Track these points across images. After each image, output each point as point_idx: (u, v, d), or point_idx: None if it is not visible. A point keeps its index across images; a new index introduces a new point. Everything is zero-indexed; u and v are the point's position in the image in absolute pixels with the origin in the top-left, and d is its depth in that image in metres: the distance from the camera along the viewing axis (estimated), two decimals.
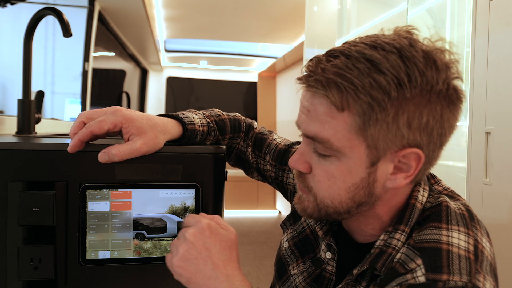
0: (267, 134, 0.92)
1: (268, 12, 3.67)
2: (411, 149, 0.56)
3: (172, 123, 0.70)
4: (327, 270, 0.72)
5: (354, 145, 0.56)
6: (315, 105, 0.57)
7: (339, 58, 0.55)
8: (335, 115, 0.55)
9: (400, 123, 0.54)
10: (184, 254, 0.58)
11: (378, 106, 0.53)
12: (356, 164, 0.57)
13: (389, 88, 0.52)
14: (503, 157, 1.03)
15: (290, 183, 0.88)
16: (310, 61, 0.59)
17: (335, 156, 0.58)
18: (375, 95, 0.52)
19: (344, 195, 0.60)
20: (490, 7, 1.08)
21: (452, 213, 0.60)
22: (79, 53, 2.53)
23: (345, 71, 0.53)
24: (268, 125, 5.76)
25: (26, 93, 1.02)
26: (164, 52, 5.18)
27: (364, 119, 0.54)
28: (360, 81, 0.52)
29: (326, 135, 0.56)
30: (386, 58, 0.53)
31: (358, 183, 0.59)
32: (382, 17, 2.14)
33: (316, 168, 0.61)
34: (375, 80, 0.52)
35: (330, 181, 0.60)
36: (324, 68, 0.55)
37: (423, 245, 0.57)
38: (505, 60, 1.03)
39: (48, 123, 1.69)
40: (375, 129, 0.54)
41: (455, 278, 0.53)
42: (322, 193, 0.61)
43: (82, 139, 0.61)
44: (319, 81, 0.55)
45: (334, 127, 0.56)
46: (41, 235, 0.62)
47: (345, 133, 0.55)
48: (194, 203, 0.68)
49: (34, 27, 1.00)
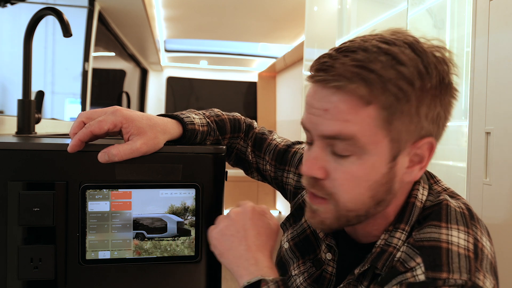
0: (267, 134, 0.92)
1: (268, 12, 3.67)
2: (427, 139, 0.57)
3: (172, 123, 0.70)
4: (328, 271, 0.72)
5: (378, 140, 0.55)
6: (335, 103, 0.54)
7: (356, 53, 0.54)
8: (359, 111, 0.53)
9: (421, 114, 0.55)
10: (222, 229, 0.63)
11: (404, 97, 0.53)
12: (379, 160, 0.56)
13: (413, 78, 0.53)
14: (503, 157, 1.03)
15: (289, 183, 0.87)
16: (322, 57, 0.57)
17: (355, 155, 0.56)
18: (402, 86, 0.52)
19: (366, 194, 0.58)
20: (490, 7, 1.08)
21: (452, 211, 0.60)
22: (79, 53, 2.53)
23: (369, 64, 0.52)
24: (268, 125, 5.76)
25: (26, 93, 1.02)
26: (164, 52, 5.18)
27: (390, 111, 0.53)
28: (386, 72, 0.52)
29: (352, 131, 0.54)
30: (403, 52, 0.53)
31: (380, 180, 0.57)
32: (382, 17, 2.14)
33: (335, 171, 0.57)
34: (400, 71, 0.52)
35: (353, 182, 0.57)
36: (344, 62, 0.53)
37: (422, 243, 0.57)
38: (505, 60, 1.03)
39: (48, 123, 1.69)
40: (400, 121, 0.54)
41: (454, 276, 0.53)
42: (345, 196, 0.58)
43: (82, 139, 0.61)
44: (342, 75, 0.53)
45: (359, 123, 0.54)
46: (41, 235, 0.62)
47: (371, 128, 0.54)
48: (194, 203, 0.68)
49: (34, 27, 1.00)
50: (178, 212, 0.67)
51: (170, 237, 0.67)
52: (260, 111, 5.86)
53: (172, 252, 0.67)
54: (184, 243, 0.67)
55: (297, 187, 0.85)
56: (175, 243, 0.67)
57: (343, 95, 0.54)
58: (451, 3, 1.68)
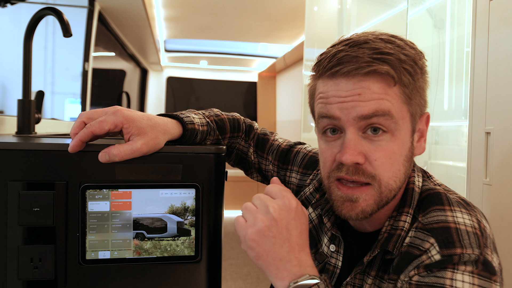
0: (268, 135, 0.94)
1: (268, 12, 3.67)
2: (426, 113, 0.67)
3: (172, 123, 0.70)
4: (331, 263, 0.73)
5: (404, 115, 0.62)
6: (367, 87, 0.59)
7: (368, 43, 0.61)
8: (388, 90, 0.60)
9: (424, 90, 0.64)
10: (263, 229, 0.56)
11: (416, 75, 0.61)
12: (406, 134, 0.62)
13: (416, 59, 0.62)
14: (503, 157, 1.03)
15: (292, 182, 0.89)
16: (337, 53, 0.61)
17: (389, 132, 0.61)
18: (412, 65, 0.61)
19: (402, 170, 0.63)
20: (490, 7, 1.08)
21: (450, 198, 0.64)
22: (79, 53, 2.53)
23: (385, 49, 0.60)
24: (268, 125, 5.76)
25: (26, 93, 1.02)
26: (164, 52, 5.18)
27: (410, 88, 0.61)
28: (401, 55, 0.60)
29: (387, 107, 0.59)
30: (398, 41, 0.63)
31: (407, 154, 0.63)
32: (382, 17, 2.14)
33: (373, 153, 0.61)
34: (406, 54, 0.61)
35: (392, 158, 0.61)
36: (364, 52, 0.59)
37: (432, 226, 0.60)
38: (505, 60, 1.03)
39: (48, 123, 1.69)
40: (415, 97, 0.62)
41: (468, 251, 0.56)
42: (387, 174, 0.61)
43: (83, 139, 0.61)
44: (372, 64, 0.58)
45: (391, 100, 0.60)
46: (41, 235, 0.62)
47: (399, 104, 0.61)
48: (194, 203, 0.68)
49: (34, 27, 1.00)
50: (178, 212, 0.67)
51: (170, 237, 0.67)
52: (260, 111, 5.85)
53: (172, 252, 0.67)
54: (184, 243, 0.67)
55: (300, 185, 0.87)
56: (175, 243, 0.67)
57: (374, 78, 0.59)
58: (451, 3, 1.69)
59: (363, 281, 0.67)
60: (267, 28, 4.26)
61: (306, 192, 0.84)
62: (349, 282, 0.68)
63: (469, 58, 1.16)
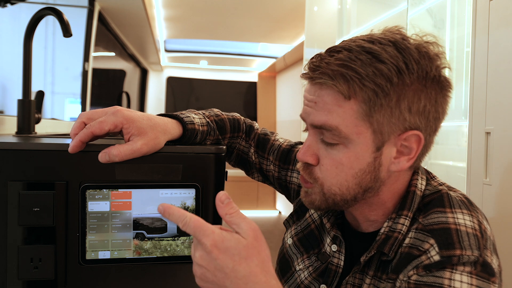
0: (269, 135, 0.94)
1: (268, 12, 3.67)
2: (412, 132, 0.61)
3: (172, 123, 0.70)
4: (333, 262, 0.73)
5: (361, 131, 0.60)
6: (322, 96, 0.61)
7: (341, 52, 0.60)
8: (342, 104, 0.59)
9: (402, 107, 0.59)
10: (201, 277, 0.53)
11: (382, 92, 0.57)
12: (363, 149, 0.61)
13: (391, 75, 0.57)
14: (503, 157, 1.03)
15: (293, 182, 0.89)
16: (312, 58, 0.63)
17: (342, 144, 0.61)
18: (379, 82, 0.57)
19: (351, 181, 0.63)
20: (490, 7, 1.08)
21: (453, 199, 0.64)
22: (79, 53, 2.53)
23: (349, 62, 0.58)
24: (268, 125, 5.76)
25: (26, 93, 1.02)
26: (164, 52, 5.18)
27: (369, 105, 0.58)
28: (364, 70, 0.57)
29: (335, 122, 0.60)
30: (384, 50, 0.58)
31: (365, 168, 0.62)
32: (382, 17, 2.14)
33: (323, 158, 0.63)
34: (377, 68, 0.57)
35: (338, 168, 0.62)
36: (328, 62, 0.60)
37: (432, 227, 0.60)
38: (505, 60, 1.03)
39: (48, 123, 1.69)
40: (380, 114, 0.59)
41: (467, 253, 0.56)
42: (330, 181, 0.63)
43: (83, 139, 0.61)
44: (325, 74, 0.59)
45: (342, 115, 0.59)
46: (41, 235, 0.62)
47: (352, 120, 0.59)
48: (194, 203, 0.68)
49: (34, 27, 1.00)
50: None
51: (170, 237, 0.67)
52: (260, 111, 5.85)
53: (172, 252, 0.67)
54: (184, 243, 0.67)
55: (301, 185, 0.86)
56: (175, 243, 0.67)
57: (327, 90, 0.60)
58: (451, 3, 1.68)
59: (362, 281, 0.67)
60: (267, 28, 4.26)
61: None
62: (349, 281, 0.69)
63: (469, 58, 1.16)
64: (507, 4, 1.03)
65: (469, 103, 1.15)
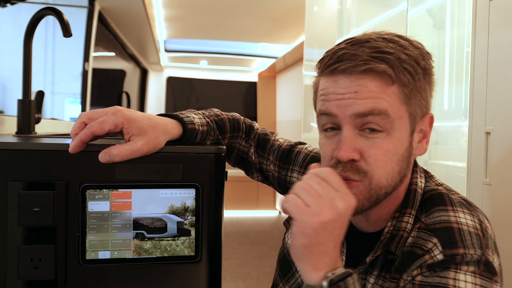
0: (269, 135, 0.94)
1: (268, 12, 3.67)
2: (428, 114, 0.66)
3: (172, 123, 0.70)
4: None
5: (402, 115, 0.61)
6: (364, 84, 0.60)
7: (370, 42, 0.61)
8: (386, 89, 0.60)
9: (427, 91, 0.64)
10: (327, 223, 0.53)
11: (416, 75, 0.61)
12: (403, 134, 0.62)
13: (418, 59, 0.62)
14: (503, 157, 1.03)
15: (293, 182, 0.89)
16: (339, 51, 0.62)
17: (385, 131, 0.61)
18: (413, 65, 0.61)
19: (396, 169, 0.63)
20: (490, 7, 1.08)
21: (453, 198, 0.65)
22: (79, 53, 2.53)
23: (385, 48, 0.60)
24: (268, 125, 5.76)
25: (26, 93, 1.02)
26: (164, 52, 5.18)
27: (409, 88, 0.61)
28: (401, 55, 0.60)
29: (384, 106, 0.60)
30: (402, 41, 0.63)
31: (404, 153, 0.63)
32: (382, 17, 2.14)
33: (368, 149, 0.61)
34: (408, 54, 0.61)
35: (386, 156, 0.61)
36: (364, 51, 0.60)
37: (435, 226, 0.61)
38: (505, 60, 1.03)
39: (48, 123, 1.69)
40: (415, 97, 0.62)
41: (470, 252, 0.57)
42: (379, 172, 0.61)
43: (83, 139, 0.61)
44: (369, 60, 0.59)
45: (388, 99, 0.60)
46: (41, 235, 0.62)
47: (396, 104, 0.61)
48: (194, 203, 0.68)
49: (34, 27, 1.00)
50: (178, 212, 0.67)
51: (170, 237, 0.67)
52: (260, 111, 5.85)
53: (172, 252, 0.67)
54: (184, 243, 0.67)
55: None
56: (175, 243, 0.67)
57: (372, 76, 0.60)
58: (451, 3, 1.69)
59: (366, 281, 0.67)
60: (267, 28, 4.26)
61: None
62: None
63: (469, 58, 1.16)
64: (507, 4, 1.03)
65: (469, 103, 1.15)
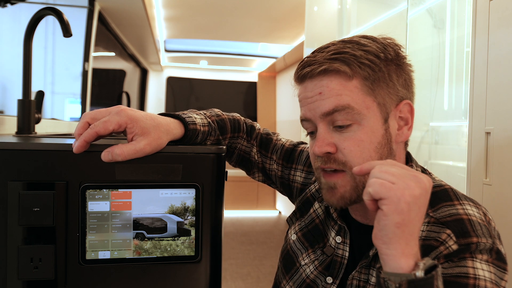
0: (271, 135, 0.95)
1: (268, 12, 3.67)
2: (405, 101, 0.69)
3: (175, 123, 0.71)
4: (338, 254, 0.74)
5: (369, 106, 0.65)
6: (326, 85, 0.65)
7: (329, 47, 0.68)
8: (346, 85, 0.65)
9: (394, 79, 0.67)
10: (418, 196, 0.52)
11: (376, 66, 0.65)
12: (375, 122, 0.66)
13: (377, 53, 0.66)
14: (503, 157, 1.03)
15: (296, 180, 0.90)
16: (303, 61, 0.69)
17: (356, 123, 0.65)
18: (371, 59, 0.65)
19: (375, 156, 0.66)
20: (490, 7, 1.08)
21: (457, 192, 0.67)
22: (79, 53, 2.53)
23: (342, 49, 0.66)
24: (268, 125, 5.76)
25: (26, 93, 1.02)
26: (164, 52, 5.18)
27: (370, 80, 0.65)
28: (357, 52, 0.65)
29: (346, 101, 0.64)
30: (362, 40, 0.68)
31: (381, 141, 0.66)
32: (382, 17, 2.14)
33: (342, 142, 0.66)
34: (365, 50, 0.66)
35: (360, 146, 0.65)
36: (322, 55, 0.66)
37: (445, 219, 0.63)
38: (505, 60, 1.03)
39: (48, 123, 1.69)
40: (380, 87, 0.66)
41: (483, 240, 0.59)
42: (357, 161, 0.65)
43: (87, 140, 0.61)
44: (325, 62, 0.65)
45: (349, 94, 0.65)
46: (41, 235, 0.62)
47: (359, 96, 0.65)
48: (194, 203, 0.68)
49: (34, 27, 1.00)
50: (178, 212, 0.67)
51: (170, 237, 0.67)
52: (260, 111, 5.85)
53: (172, 252, 0.67)
54: (184, 243, 0.67)
55: (305, 183, 0.89)
56: (175, 243, 0.67)
57: (330, 76, 0.65)
58: (451, 3, 1.69)
59: (369, 275, 0.67)
60: (267, 28, 4.26)
61: (312, 189, 0.85)
62: (355, 276, 0.69)
63: (469, 58, 1.16)
64: (507, 4, 1.03)
65: (469, 103, 1.15)
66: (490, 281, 0.56)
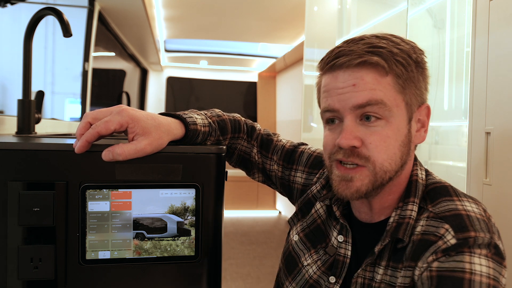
0: (272, 135, 0.95)
1: (268, 12, 3.67)
2: (425, 104, 0.71)
3: (176, 123, 0.71)
4: (340, 253, 0.74)
5: (398, 104, 0.66)
6: (361, 77, 0.65)
7: (364, 40, 0.67)
8: (381, 80, 0.65)
9: (420, 81, 0.69)
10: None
11: (409, 66, 0.66)
12: (401, 121, 0.67)
13: (410, 53, 0.67)
14: (503, 157, 1.03)
15: (297, 182, 0.90)
16: (335, 49, 0.68)
17: (385, 119, 0.65)
18: (405, 57, 0.66)
19: (398, 154, 0.67)
20: (490, 7, 1.08)
21: (457, 190, 0.68)
22: (79, 53, 2.53)
23: (379, 43, 0.66)
24: (268, 125, 5.76)
25: (26, 93, 1.02)
26: (164, 52, 5.18)
27: (402, 79, 0.66)
28: (392, 49, 0.66)
29: (379, 96, 0.65)
30: (394, 38, 0.69)
31: (404, 140, 0.67)
32: (382, 17, 2.14)
33: (368, 137, 0.66)
34: (399, 48, 0.67)
35: (386, 142, 0.65)
36: (359, 47, 0.66)
37: (444, 214, 0.64)
38: (505, 60, 1.03)
39: (48, 123, 1.69)
40: (409, 87, 0.67)
41: (481, 235, 0.60)
42: (382, 156, 0.65)
43: (89, 139, 0.61)
44: (363, 54, 0.65)
45: (383, 90, 0.65)
46: (41, 235, 0.62)
47: (392, 93, 0.65)
48: (194, 203, 0.68)
49: (34, 27, 1.00)
50: (178, 212, 0.67)
51: (170, 237, 0.67)
52: (260, 111, 5.85)
53: (172, 252, 0.67)
54: (184, 243, 0.67)
55: (305, 184, 0.89)
56: (175, 243, 0.67)
57: (367, 69, 0.65)
58: (451, 3, 1.68)
59: (374, 272, 0.68)
60: (267, 28, 4.26)
61: (313, 190, 0.85)
62: (360, 274, 0.69)
63: (469, 58, 1.16)
64: (507, 4, 1.03)
65: (469, 103, 1.15)
66: (487, 276, 0.57)
